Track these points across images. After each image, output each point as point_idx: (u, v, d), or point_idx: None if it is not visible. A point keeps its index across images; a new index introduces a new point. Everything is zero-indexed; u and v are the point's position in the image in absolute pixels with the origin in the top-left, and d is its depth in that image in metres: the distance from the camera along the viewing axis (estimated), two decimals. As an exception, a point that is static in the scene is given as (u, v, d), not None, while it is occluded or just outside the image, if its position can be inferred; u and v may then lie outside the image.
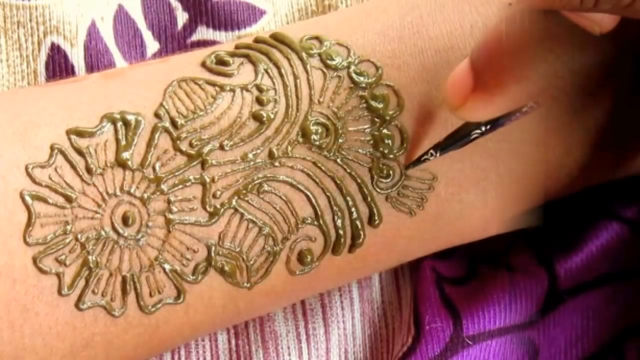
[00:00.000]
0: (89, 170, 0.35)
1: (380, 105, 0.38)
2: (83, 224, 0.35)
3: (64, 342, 0.35)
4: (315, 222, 0.37)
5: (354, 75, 0.38)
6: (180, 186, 0.36)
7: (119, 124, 0.36)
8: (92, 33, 0.42)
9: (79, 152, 0.35)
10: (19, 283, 0.34)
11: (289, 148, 0.37)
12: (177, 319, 0.37)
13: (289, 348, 0.43)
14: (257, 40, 0.39)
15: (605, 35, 0.32)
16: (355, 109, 0.38)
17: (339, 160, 0.38)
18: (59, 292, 0.35)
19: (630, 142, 0.40)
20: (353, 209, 0.38)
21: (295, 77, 0.38)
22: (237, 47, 0.39)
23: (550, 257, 0.42)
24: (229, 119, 0.37)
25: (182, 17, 0.43)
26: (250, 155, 0.37)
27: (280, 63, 0.38)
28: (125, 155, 0.36)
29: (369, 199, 0.38)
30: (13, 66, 0.42)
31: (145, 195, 0.36)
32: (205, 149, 0.36)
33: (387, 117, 0.38)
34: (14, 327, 0.34)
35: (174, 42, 0.43)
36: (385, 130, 0.38)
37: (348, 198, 0.38)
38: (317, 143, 0.37)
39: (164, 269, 0.36)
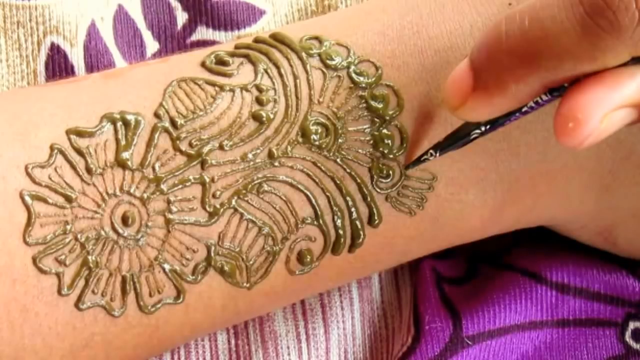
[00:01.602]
0: (88, 170, 0.35)
1: (380, 105, 0.38)
2: (83, 223, 0.35)
3: (63, 342, 0.35)
4: (315, 222, 0.37)
5: (353, 75, 0.38)
6: (180, 186, 0.36)
7: (119, 124, 0.36)
8: (92, 33, 0.42)
9: (79, 152, 0.35)
10: (18, 283, 0.34)
11: (289, 148, 0.37)
12: (177, 319, 0.37)
13: (288, 348, 0.43)
14: (257, 40, 0.39)
15: None
16: (355, 109, 0.38)
17: (338, 160, 0.38)
18: (59, 292, 0.35)
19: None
20: (353, 209, 0.38)
21: (295, 77, 0.38)
22: (236, 47, 0.39)
23: None
24: (229, 119, 0.37)
25: (181, 17, 0.43)
26: (250, 155, 0.37)
27: (279, 63, 0.38)
28: (125, 155, 0.36)
29: (369, 199, 0.38)
30: (13, 66, 0.42)
31: (145, 195, 0.36)
32: (205, 149, 0.36)
33: (387, 117, 0.38)
34: (13, 327, 0.34)
35: (174, 42, 0.43)
36: (385, 130, 0.38)
37: (348, 198, 0.38)
38: (317, 143, 0.37)
39: (163, 269, 0.36)
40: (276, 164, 0.37)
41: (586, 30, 0.30)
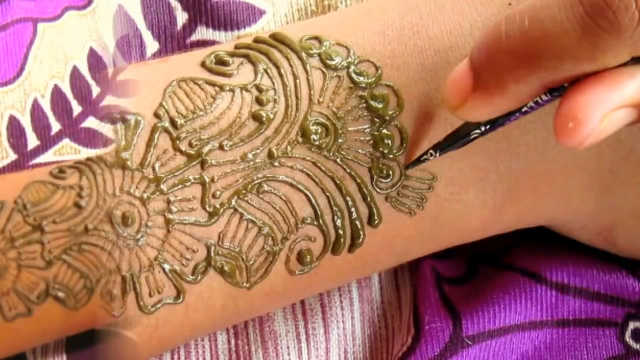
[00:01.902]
0: (88, 170, 0.35)
1: (380, 105, 0.38)
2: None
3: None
4: (315, 222, 0.37)
5: (353, 75, 0.38)
6: (180, 186, 0.36)
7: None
8: (92, 33, 0.42)
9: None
10: (18, 283, 0.34)
11: (289, 148, 0.37)
12: (177, 319, 0.37)
13: (288, 348, 0.43)
14: (257, 40, 0.39)
15: None
16: (355, 109, 0.38)
17: (338, 160, 0.38)
18: (59, 292, 0.35)
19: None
20: (353, 209, 0.38)
21: (295, 77, 0.38)
22: (236, 47, 0.39)
23: None
24: (229, 119, 0.37)
25: (181, 17, 0.43)
26: (250, 155, 0.37)
27: (279, 63, 0.38)
28: (125, 155, 0.36)
29: (369, 199, 0.38)
30: (13, 66, 0.42)
31: (145, 195, 0.36)
32: (205, 149, 0.36)
33: (387, 117, 0.38)
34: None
35: (174, 42, 0.43)
36: (384, 130, 0.38)
37: (348, 198, 0.38)
38: (317, 143, 0.37)
39: (163, 269, 0.36)
40: (276, 164, 0.37)
41: (586, 30, 0.30)
